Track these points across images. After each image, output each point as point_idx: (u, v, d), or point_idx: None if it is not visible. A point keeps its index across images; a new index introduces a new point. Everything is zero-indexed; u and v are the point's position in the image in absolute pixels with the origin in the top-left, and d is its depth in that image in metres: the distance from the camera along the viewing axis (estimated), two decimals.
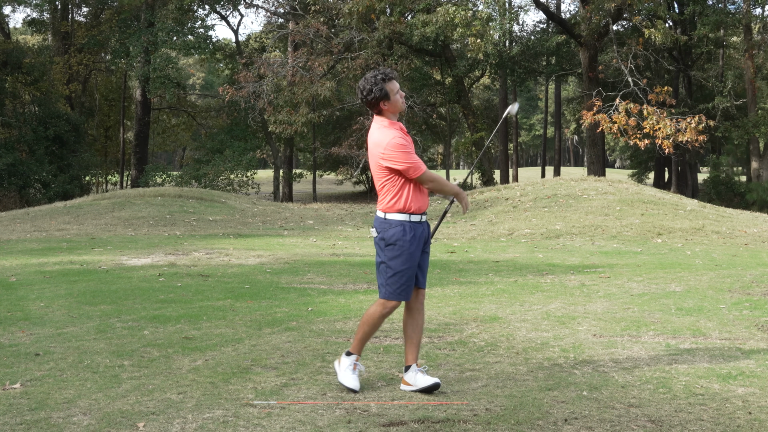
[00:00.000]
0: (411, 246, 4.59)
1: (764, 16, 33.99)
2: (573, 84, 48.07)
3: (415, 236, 4.61)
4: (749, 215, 18.05)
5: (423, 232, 4.67)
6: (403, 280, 4.60)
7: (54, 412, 4.28)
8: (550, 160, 60.95)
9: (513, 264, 10.71)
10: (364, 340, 4.80)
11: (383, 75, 4.59)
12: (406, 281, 4.61)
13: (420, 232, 4.64)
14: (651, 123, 22.73)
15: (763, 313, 6.97)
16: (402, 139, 4.57)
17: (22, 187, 29.77)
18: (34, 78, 32.53)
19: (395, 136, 4.56)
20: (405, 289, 4.62)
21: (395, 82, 4.62)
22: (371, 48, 26.99)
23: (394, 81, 4.61)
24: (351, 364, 4.72)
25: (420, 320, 4.80)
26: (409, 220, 4.61)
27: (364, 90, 4.59)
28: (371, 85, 4.57)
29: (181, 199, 20.26)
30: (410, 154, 4.56)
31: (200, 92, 59.20)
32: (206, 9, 37.91)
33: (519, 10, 35.70)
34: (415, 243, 4.61)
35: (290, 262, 10.86)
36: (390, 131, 4.60)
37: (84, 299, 7.83)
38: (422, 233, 4.66)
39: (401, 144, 4.54)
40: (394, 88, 4.60)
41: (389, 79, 4.59)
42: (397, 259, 4.58)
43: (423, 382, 4.63)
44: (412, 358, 4.76)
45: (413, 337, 4.78)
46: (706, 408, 4.34)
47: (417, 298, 4.78)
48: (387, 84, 4.57)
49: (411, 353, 4.77)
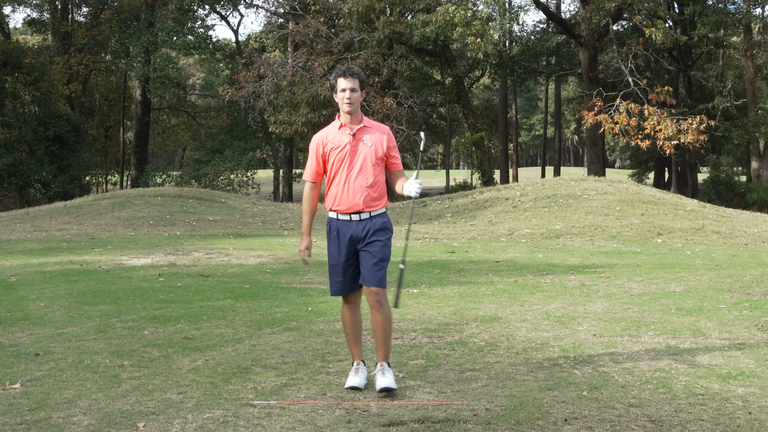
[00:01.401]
0: (331, 244, 4.76)
1: (764, 16, 33.97)
2: (573, 84, 48.08)
3: (339, 234, 4.72)
4: (749, 215, 18.04)
5: (351, 231, 4.70)
6: (331, 275, 4.80)
7: (54, 412, 4.28)
8: (550, 160, 60.95)
9: (513, 264, 10.71)
10: (349, 344, 4.91)
11: (338, 71, 4.75)
12: (333, 277, 4.79)
13: (346, 231, 4.70)
14: (652, 123, 22.72)
15: (763, 313, 6.97)
16: (318, 139, 4.79)
17: (22, 187, 29.76)
18: (34, 78, 32.51)
19: (317, 134, 4.84)
20: (333, 284, 4.80)
21: (342, 80, 4.70)
22: (371, 48, 26.99)
23: (340, 78, 4.70)
24: (353, 369, 4.83)
25: (377, 319, 4.70)
26: (336, 218, 4.74)
27: None
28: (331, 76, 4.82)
29: (181, 199, 20.26)
30: (309, 159, 4.83)
31: (200, 92, 59.21)
32: (206, 9, 37.92)
33: (519, 10, 35.78)
34: (338, 241, 4.72)
35: (290, 262, 10.86)
36: (324, 128, 4.91)
37: (84, 299, 7.83)
38: (350, 232, 4.70)
39: (312, 144, 4.82)
40: (338, 85, 4.71)
41: (337, 76, 4.73)
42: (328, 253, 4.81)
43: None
44: (379, 355, 4.76)
45: (376, 336, 4.76)
46: (706, 408, 4.34)
47: (369, 296, 4.68)
48: (336, 80, 4.73)
49: (377, 351, 4.77)
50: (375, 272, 4.65)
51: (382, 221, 4.74)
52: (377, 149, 4.76)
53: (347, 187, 4.69)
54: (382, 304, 4.69)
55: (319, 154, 4.78)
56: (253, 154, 35.56)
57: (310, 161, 4.83)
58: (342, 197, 4.69)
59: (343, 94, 4.68)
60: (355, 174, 4.70)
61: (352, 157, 4.71)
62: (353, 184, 4.69)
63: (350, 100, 4.67)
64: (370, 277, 4.66)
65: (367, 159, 4.73)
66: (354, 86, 4.67)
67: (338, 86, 4.70)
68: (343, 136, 4.74)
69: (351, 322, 4.82)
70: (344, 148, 4.71)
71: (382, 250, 4.69)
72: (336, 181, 4.72)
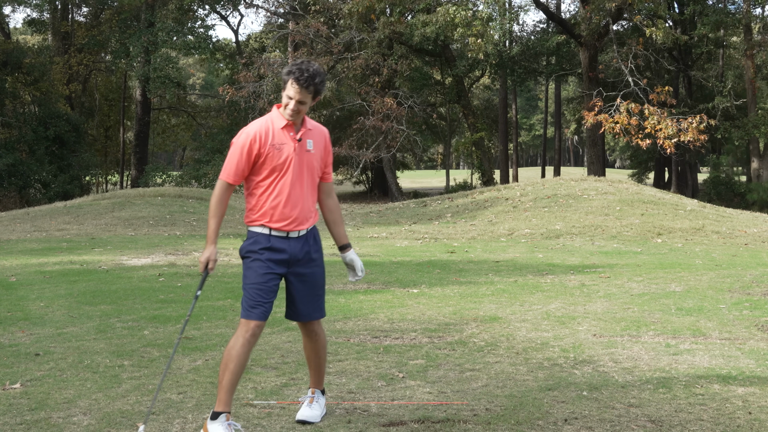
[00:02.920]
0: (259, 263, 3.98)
1: (764, 16, 33.98)
2: (573, 84, 48.05)
3: (272, 252, 3.98)
4: (749, 215, 18.04)
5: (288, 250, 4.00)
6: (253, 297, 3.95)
7: (54, 412, 4.28)
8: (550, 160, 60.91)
9: (513, 264, 10.71)
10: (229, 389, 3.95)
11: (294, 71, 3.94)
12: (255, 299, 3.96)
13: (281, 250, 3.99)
14: (652, 123, 22.72)
15: (763, 313, 6.97)
16: (254, 135, 3.95)
17: (22, 187, 29.76)
18: (34, 78, 32.51)
19: (252, 129, 3.99)
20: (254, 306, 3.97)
21: (293, 88, 3.91)
22: (371, 48, 26.99)
23: (293, 84, 3.91)
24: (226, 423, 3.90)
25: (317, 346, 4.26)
26: (269, 233, 3.99)
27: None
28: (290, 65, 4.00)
29: (181, 199, 20.26)
30: (233, 155, 3.96)
31: (200, 92, 59.20)
32: (206, 9, 37.93)
33: (519, 10, 35.76)
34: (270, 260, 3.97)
35: None
36: (254, 123, 4.06)
37: (84, 299, 7.83)
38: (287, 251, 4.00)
39: (243, 138, 3.97)
40: (288, 89, 3.94)
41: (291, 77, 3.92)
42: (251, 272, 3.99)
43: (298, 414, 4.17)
44: (313, 381, 4.30)
45: (311, 362, 4.29)
46: (706, 408, 4.34)
47: (308, 326, 4.23)
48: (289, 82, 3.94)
49: (312, 377, 4.32)
50: (318, 302, 4.16)
51: (315, 239, 4.12)
52: (320, 158, 4.11)
53: (288, 199, 3.97)
54: (321, 331, 4.26)
55: (252, 154, 3.94)
56: None
57: (236, 158, 3.94)
58: (280, 211, 3.96)
59: (290, 102, 3.94)
60: (298, 185, 3.99)
61: (295, 166, 3.98)
62: (294, 197, 3.98)
63: (296, 111, 3.95)
64: (314, 309, 4.14)
65: (311, 169, 4.06)
66: (304, 100, 3.91)
67: (287, 88, 3.94)
68: (286, 139, 3.98)
69: (245, 359, 3.92)
70: (286, 153, 3.96)
71: (322, 276, 4.17)
72: (272, 192, 3.96)
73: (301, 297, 4.09)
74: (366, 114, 27.38)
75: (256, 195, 4.00)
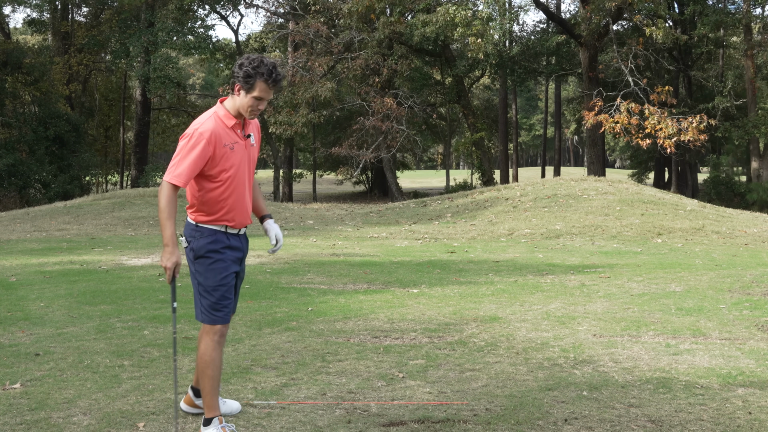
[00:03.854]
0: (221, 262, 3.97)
1: (764, 16, 33.98)
2: (573, 84, 48.07)
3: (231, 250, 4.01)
4: (749, 215, 18.04)
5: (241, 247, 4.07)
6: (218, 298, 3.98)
7: (54, 412, 4.28)
8: (550, 160, 60.95)
9: (513, 264, 10.71)
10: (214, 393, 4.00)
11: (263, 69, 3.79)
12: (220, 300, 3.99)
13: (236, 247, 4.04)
14: (652, 123, 22.72)
15: (763, 313, 6.97)
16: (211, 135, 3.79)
17: (22, 187, 29.76)
18: (34, 78, 32.51)
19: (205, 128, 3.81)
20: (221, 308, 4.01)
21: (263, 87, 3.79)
22: (371, 48, 26.99)
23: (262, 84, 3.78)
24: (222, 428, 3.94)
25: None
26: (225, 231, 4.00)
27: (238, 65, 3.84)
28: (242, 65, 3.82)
29: (181, 199, 20.26)
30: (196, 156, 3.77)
31: (200, 92, 59.19)
32: (206, 9, 37.92)
33: (519, 10, 35.76)
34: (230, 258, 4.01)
35: (290, 262, 10.86)
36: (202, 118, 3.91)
37: (84, 299, 7.83)
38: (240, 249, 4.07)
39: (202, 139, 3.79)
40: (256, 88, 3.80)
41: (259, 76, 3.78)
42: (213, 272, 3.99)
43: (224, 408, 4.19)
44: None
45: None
46: (706, 408, 4.34)
47: None
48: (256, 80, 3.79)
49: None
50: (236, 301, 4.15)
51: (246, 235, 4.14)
52: (257, 149, 4.09)
53: (242, 197, 3.95)
54: None
55: (207, 156, 3.79)
56: None
57: (190, 159, 3.76)
58: (237, 210, 3.94)
59: (257, 102, 3.82)
60: (247, 183, 3.98)
61: (245, 163, 3.95)
62: (246, 195, 3.99)
63: (260, 111, 3.89)
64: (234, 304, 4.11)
65: (253, 163, 4.03)
66: (271, 97, 3.87)
67: (255, 89, 3.78)
68: (235, 136, 3.90)
69: (219, 361, 3.98)
70: (238, 151, 3.90)
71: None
72: (226, 191, 3.88)
73: (236, 293, 4.12)
74: (366, 114, 27.38)
75: (209, 194, 3.88)
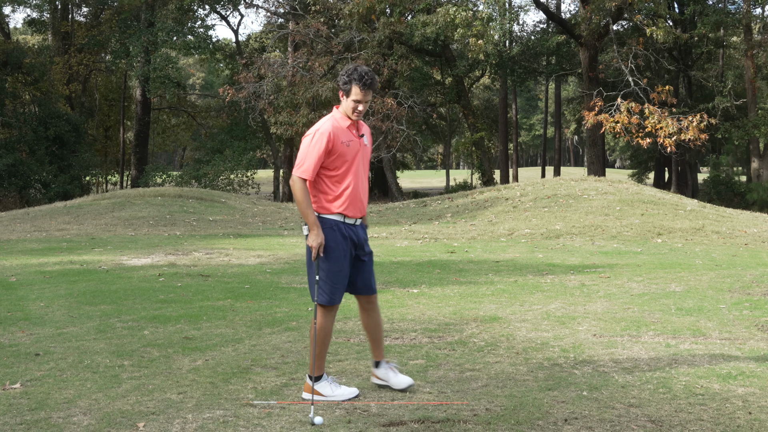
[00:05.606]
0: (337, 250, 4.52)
1: (764, 16, 33.99)
2: (573, 84, 48.05)
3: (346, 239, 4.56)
4: (749, 215, 18.04)
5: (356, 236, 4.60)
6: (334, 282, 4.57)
7: (54, 412, 4.28)
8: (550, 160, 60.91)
9: (513, 264, 10.71)
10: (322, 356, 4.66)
11: (354, 74, 4.45)
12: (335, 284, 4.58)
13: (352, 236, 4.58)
14: (653, 122, 22.72)
15: (763, 313, 6.97)
16: (330, 133, 4.43)
17: (22, 187, 29.77)
18: (34, 78, 32.52)
19: (325, 127, 4.47)
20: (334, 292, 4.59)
21: (357, 90, 4.44)
22: (371, 48, 26.99)
23: (356, 88, 4.44)
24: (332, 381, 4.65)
25: (375, 319, 4.81)
26: (343, 221, 4.55)
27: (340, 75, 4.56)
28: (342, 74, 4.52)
29: (181, 199, 20.26)
30: (317, 151, 4.42)
31: (200, 92, 59.18)
32: (206, 9, 37.92)
33: (519, 10, 35.72)
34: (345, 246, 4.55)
35: (290, 262, 10.87)
36: (322, 121, 4.56)
37: (84, 299, 7.83)
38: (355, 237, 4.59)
39: (321, 136, 4.43)
40: (352, 93, 4.46)
41: (352, 81, 4.45)
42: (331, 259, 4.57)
43: (398, 383, 4.65)
44: (380, 353, 4.79)
45: (375, 335, 4.81)
46: (706, 408, 4.34)
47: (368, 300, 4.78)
48: (351, 85, 4.46)
49: (377, 349, 4.80)
50: (373, 279, 4.72)
51: (364, 226, 4.72)
52: (371, 150, 4.74)
53: (357, 190, 4.53)
54: (377, 306, 4.81)
55: (327, 153, 4.45)
56: (253, 154, 35.57)
57: (314, 155, 4.42)
58: (353, 201, 4.52)
59: (356, 105, 4.47)
60: (361, 177, 4.58)
61: (359, 160, 4.55)
62: (360, 188, 4.56)
63: (361, 112, 4.50)
64: (372, 284, 4.70)
65: (367, 162, 4.66)
66: (368, 99, 4.48)
67: (352, 94, 4.45)
68: (351, 135, 4.53)
69: (330, 333, 4.63)
70: (353, 148, 4.52)
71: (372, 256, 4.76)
72: (344, 183, 4.49)
73: (363, 275, 4.63)
74: (366, 114, 27.38)
75: (329, 187, 4.49)
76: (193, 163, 36.59)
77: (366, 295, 4.71)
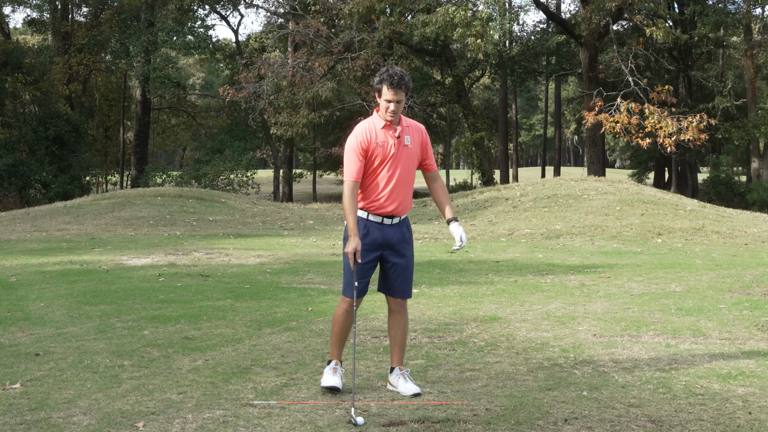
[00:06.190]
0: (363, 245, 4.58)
1: (764, 16, 33.98)
2: (573, 84, 48.02)
3: (371, 236, 4.60)
4: (749, 215, 18.04)
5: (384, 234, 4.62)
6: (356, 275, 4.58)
7: (54, 412, 4.28)
8: (550, 160, 60.89)
9: (513, 264, 10.71)
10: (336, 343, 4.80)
11: (384, 76, 4.54)
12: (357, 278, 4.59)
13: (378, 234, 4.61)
14: (653, 122, 22.72)
15: (763, 313, 6.97)
16: (362, 137, 4.55)
17: (22, 187, 29.77)
18: (34, 78, 32.50)
19: (359, 131, 4.59)
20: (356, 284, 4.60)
21: (388, 90, 4.51)
22: (371, 48, 26.98)
23: (387, 88, 4.51)
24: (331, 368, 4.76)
25: (401, 324, 4.79)
26: (367, 218, 4.64)
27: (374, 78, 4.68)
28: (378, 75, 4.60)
29: (181, 199, 20.26)
30: (354, 156, 4.54)
31: (200, 92, 59.17)
32: (206, 9, 37.91)
33: (519, 10, 35.72)
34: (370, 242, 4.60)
35: (290, 262, 10.87)
36: (359, 126, 4.65)
37: (84, 299, 7.83)
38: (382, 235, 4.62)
39: (354, 142, 4.57)
40: (383, 93, 4.54)
41: (383, 82, 4.53)
42: None
43: (405, 390, 4.63)
44: (397, 359, 4.78)
45: (396, 340, 4.81)
46: (706, 408, 4.34)
47: (397, 303, 4.78)
48: (382, 85, 4.55)
49: (395, 355, 4.80)
50: (408, 284, 4.73)
51: (408, 226, 4.73)
52: (417, 152, 4.69)
53: (387, 190, 4.58)
54: (406, 311, 4.81)
55: (363, 153, 4.55)
56: (253, 154, 35.56)
57: (353, 160, 4.55)
58: (381, 200, 4.58)
59: (388, 104, 4.54)
60: (396, 178, 4.59)
61: (395, 161, 4.58)
62: (394, 189, 4.59)
63: (395, 111, 4.54)
64: (404, 288, 4.71)
65: (408, 163, 4.64)
66: (400, 98, 4.52)
67: (383, 94, 4.53)
68: (387, 137, 4.59)
69: (347, 324, 4.71)
70: (389, 149, 4.57)
71: (412, 260, 4.74)
72: (375, 183, 4.59)
73: (389, 276, 4.68)
74: (366, 114, 27.34)
75: (363, 186, 4.62)
76: (193, 163, 36.58)
77: (392, 297, 4.74)
